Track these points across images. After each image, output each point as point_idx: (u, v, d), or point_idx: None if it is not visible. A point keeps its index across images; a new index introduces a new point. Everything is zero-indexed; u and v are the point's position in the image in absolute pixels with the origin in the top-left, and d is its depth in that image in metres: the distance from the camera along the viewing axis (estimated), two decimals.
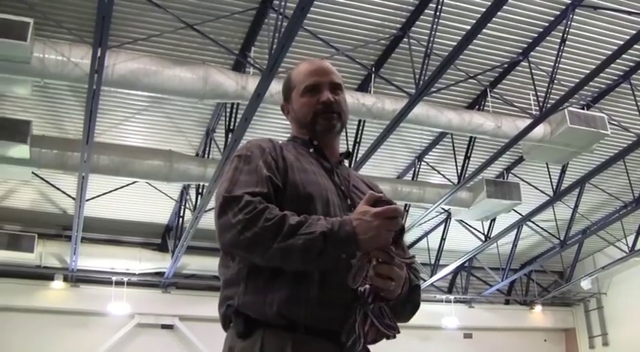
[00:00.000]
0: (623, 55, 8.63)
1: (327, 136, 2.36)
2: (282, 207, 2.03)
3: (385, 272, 1.94)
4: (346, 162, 2.51)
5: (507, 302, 17.04)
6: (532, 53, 9.20)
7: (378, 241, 1.91)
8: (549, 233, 13.57)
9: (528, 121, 9.33)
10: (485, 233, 13.22)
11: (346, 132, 9.73)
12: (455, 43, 7.60)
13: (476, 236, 13.27)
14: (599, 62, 8.65)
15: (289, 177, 2.13)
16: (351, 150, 9.88)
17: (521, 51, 9.20)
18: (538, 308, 16.74)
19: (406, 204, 12.00)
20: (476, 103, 10.14)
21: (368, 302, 1.95)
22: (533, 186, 11.95)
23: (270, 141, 2.26)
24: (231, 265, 2.09)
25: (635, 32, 8.06)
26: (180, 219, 12.07)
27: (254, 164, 2.11)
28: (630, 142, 10.38)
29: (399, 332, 1.98)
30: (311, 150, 2.33)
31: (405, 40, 8.58)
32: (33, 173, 9.78)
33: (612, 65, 8.86)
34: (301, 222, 1.91)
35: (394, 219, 1.91)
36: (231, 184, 2.05)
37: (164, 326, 13.71)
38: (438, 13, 7.84)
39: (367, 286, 1.95)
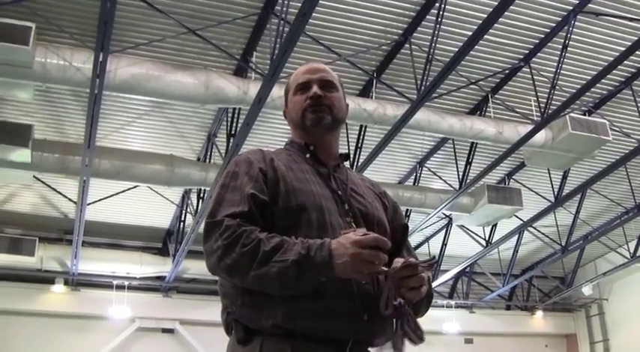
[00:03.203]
0: (625, 61, 8.65)
1: (318, 132, 2.31)
2: (274, 218, 2.04)
3: (416, 284, 1.95)
4: (347, 163, 2.47)
5: (508, 308, 17.01)
6: (534, 59, 9.20)
7: (355, 269, 1.86)
8: (550, 238, 13.56)
9: (530, 127, 9.33)
10: (487, 238, 13.22)
11: (347, 138, 9.75)
12: (456, 49, 7.61)
13: (477, 241, 13.26)
14: (601, 68, 8.68)
15: (280, 188, 2.11)
16: (352, 155, 9.87)
17: (522, 57, 9.20)
18: (539, 313, 16.71)
19: (407, 209, 12.00)
20: (477, 109, 10.14)
21: (405, 314, 1.96)
22: (534, 191, 11.94)
23: (261, 152, 2.25)
24: None
25: (636, 38, 8.08)
26: (182, 223, 12.07)
27: (240, 181, 2.11)
28: (632, 148, 10.37)
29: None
30: (307, 155, 2.31)
31: (407, 45, 8.59)
32: (34, 177, 9.80)
33: (614, 71, 8.87)
34: (276, 247, 1.89)
35: (374, 250, 1.86)
36: (216, 205, 2.07)
37: (165, 330, 13.70)
38: (439, 19, 7.85)
39: (400, 300, 1.95)
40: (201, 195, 10.80)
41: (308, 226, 2.04)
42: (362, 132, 9.90)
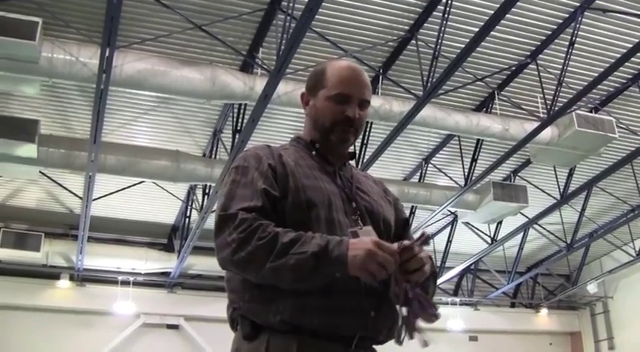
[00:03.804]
0: (632, 58, 8.57)
1: (338, 149, 2.34)
2: (284, 214, 2.04)
3: (417, 265, 1.94)
4: (352, 162, 2.48)
5: (513, 305, 17.00)
6: (540, 56, 9.18)
7: (363, 266, 1.86)
8: (556, 236, 13.53)
9: (536, 124, 9.30)
10: (492, 235, 13.20)
11: None
12: (463, 45, 7.59)
13: (482, 238, 13.25)
14: (608, 65, 8.64)
15: (290, 184, 2.11)
16: (358, 151, 9.86)
17: (529, 53, 9.18)
18: (544, 311, 16.68)
19: (413, 206, 12.00)
20: (483, 106, 10.12)
21: (416, 297, 1.96)
22: (540, 189, 11.91)
23: (269, 148, 2.25)
24: None
25: None
26: (187, 219, 12.10)
27: (250, 176, 2.11)
28: (638, 146, 10.33)
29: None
30: (313, 152, 2.31)
31: (413, 41, 8.57)
32: (40, 172, 9.82)
33: (621, 68, 8.81)
34: (294, 240, 1.89)
35: (390, 257, 1.87)
36: (228, 200, 2.06)
37: (169, 326, 13.72)
38: (446, 15, 7.83)
39: (407, 285, 1.96)
40: (207, 190, 10.81)
41: (317, 222, 2.05)
42: (368, 129, 9.88)
